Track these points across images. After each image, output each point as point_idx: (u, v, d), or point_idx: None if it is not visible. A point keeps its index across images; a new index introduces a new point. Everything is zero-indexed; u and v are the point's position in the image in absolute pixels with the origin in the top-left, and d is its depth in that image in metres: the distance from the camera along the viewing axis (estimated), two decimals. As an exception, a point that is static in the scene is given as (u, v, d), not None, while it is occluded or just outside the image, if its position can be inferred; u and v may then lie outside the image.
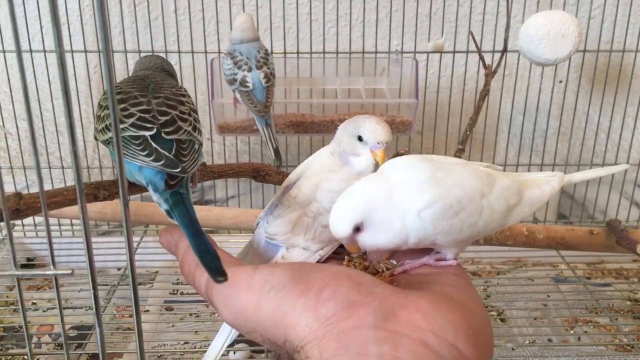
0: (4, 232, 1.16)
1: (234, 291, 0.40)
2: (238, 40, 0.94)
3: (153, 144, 0.44)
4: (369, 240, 0.44)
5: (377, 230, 0.43)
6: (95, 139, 0.52)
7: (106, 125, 0.47)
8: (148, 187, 0.45)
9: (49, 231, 0.41)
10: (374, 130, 0.49)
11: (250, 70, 0.92)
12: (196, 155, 0.46)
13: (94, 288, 0.39)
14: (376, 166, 0.50)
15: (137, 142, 0.44)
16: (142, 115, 0.45)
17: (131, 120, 0.45)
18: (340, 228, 0.43)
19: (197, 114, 0.51)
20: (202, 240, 0.40)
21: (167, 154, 0.44)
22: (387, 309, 0.37)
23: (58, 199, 0.46)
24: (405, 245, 0.44)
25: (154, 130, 0.45)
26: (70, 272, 0.41)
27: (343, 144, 0.51)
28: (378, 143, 0.49)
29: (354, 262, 0.48)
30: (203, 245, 0.40)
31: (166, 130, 0.45)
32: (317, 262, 0.49)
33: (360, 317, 0.37)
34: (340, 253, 0.50)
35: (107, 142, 0.48)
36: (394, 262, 0.48)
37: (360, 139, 0.50)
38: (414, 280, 0.45)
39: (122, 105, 0.45)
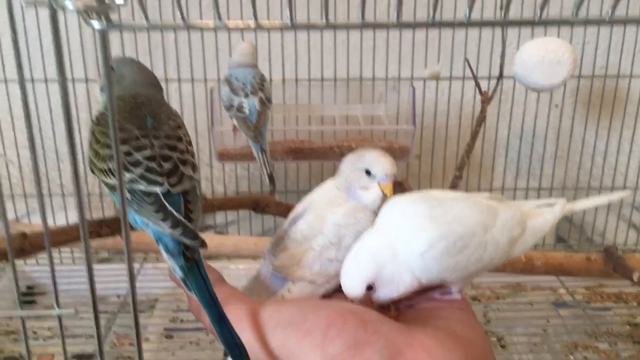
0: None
1: (241, 327, 0.41)
2: (236, 64, 0.96)
3: (164, 201, 0.44)
4: (383, 295, 0.44)
5: (389, 285, 0.44)
6: (92, 171, 0.52)
7: (109, 168, 0.47)
8: (158, 244, 0.44)
9: (52, 271, 0.41)
10: (381, 163, 0.50)
11: (246, 96, 0.93)
12: (199, 203, 0.46)
13: (98, 334, 0.39)
14: (384, 198, 0.50)
15: (149, 199, 0.44)
16: (149, 164, 0.45)
17: (139, 170, 0.45)
18: (353, 290, 0.44)
19: (191, 145, 0.51)
20: (227, 327, 0.40)
21: (179, 216, 0.43)
22: (393, 347, 0.38)
23: (61, 238, 0.47)
24: (418, 288, 0.45)
25: (165, 186, 0.44)
26: (73, 311, 0.42)
27: (350, 178, 0.51)
28: (386, 175, 0.50)
29: None
30: (229, 333, 0.40)
31: (172, 182, 0.45)
32: (323, 295, 0.50)
33: (367, 356, 0.37)
34: None
35: (109, 187, 0.48)
36: None
37: (367, 172, 0.50)
38: (420, 315, 0.45)
39: (125, 148, 0.45)
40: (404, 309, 0.47)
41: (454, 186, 0.96)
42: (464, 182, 1.22)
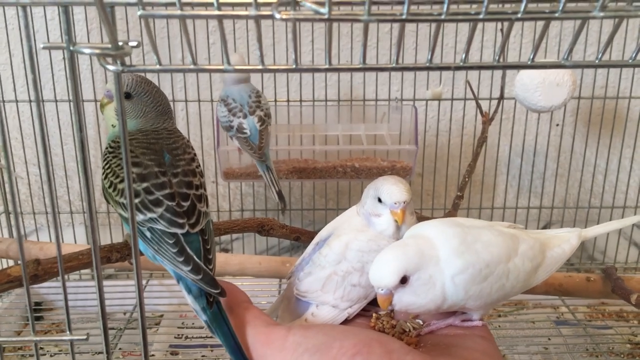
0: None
1: (269, 351, 0.42)
2: (230, 81, 0.97)
3: (184, 243, 0.44)
4: (406, 299, 0.44)
5: (419, 289, 0.44)
6: (107, 201, 0.53)
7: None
8: (178, 283, 0.45)
9: (66, 298, 0.43)
10: (390, 191, 0.51)
11: (245, 117, 0.94)
12: (214, 239, 0.47)
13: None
14: (397, 225, 0.52)
15: (169, 240, 0.44)
16: (169, 204, 0.46)
17: (159, 210, 0.45)
18: (388, 275, 0.44)
19: (203, 176, 0.52)
20: None
21: (199, 261, 0.44)
22: None
23: (73, 264, 0.48)
24: (437, 310, 0.45)
25: (186, 228, 0.45)
26: (85, 337, 0.43)
27: (366, 206, 0.53)
28: (395, 203, 0.51)
29: (381, 320, 0.49)
30: None
31: (191, 222, 0.46)
32: (346, 319, 0.51)
33: None
34: (368, 310, 0.52)
35: (127, 220, 0.49)
36: (420, 322, 0.49)
37: (379, 200, 0.52)
38: (441, 342, 0.46)
39: (145, 185, 0.46)
40: (425, 334, 0.48)
41: (455, 206, 0.97)
42: (466, 201, 1.23)
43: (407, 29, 1.15)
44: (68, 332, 0.43)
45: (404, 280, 0.44)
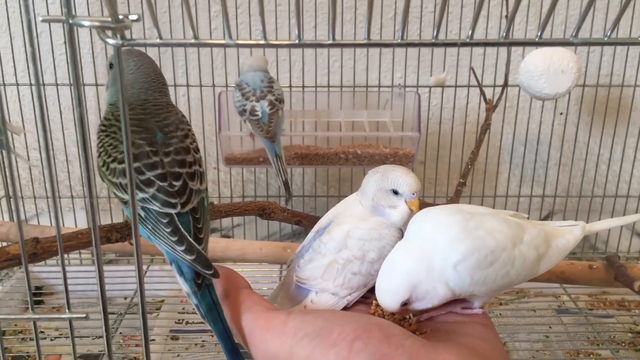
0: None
1: (268, 336, 0.41)
2: (247, 68, 0.99)
3: (178, 223, 0.44)
4: (419, 307, 0.46)
5: (424, 299, 0.45)
6: (102, 179, 0.52)
7: (121, 183, 0.47)
8: (171, 265, 0.45)
9: (65, 276, 0.42)
10: (407, 182, 0.51)
11: (258, 100, 0.95)
12: (207, 217, 0.47)
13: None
14: (411, 214, 0.51)
15: (163, 220, 0.44)
16: (161, 184, 0.45)
17: (151, 190, 0.45)
18: (390, 307, 0.45)
19: (198, 152, 0.51)
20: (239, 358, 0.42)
21: (193, 242, 0.43)
22: None
23: (73, 243, 0.48)
24: (452, 298, 0.46)
25: (178, 208, 0.44)
26: (84, 316, 0.43)
27: (376, 198, 0.52)
28: (413, 193, 0.51)
29: (381, 307, 0.49)
30: None
31: (182, 202, 0.45)
32: (345, 306, 0.51)
33: None
34: (368, 297, 0.52)
35: (122, 200, 0.48)
36: None
37: (394, 192, 0.51)
38: (440, 329, 0.46)
39: (136, 165, 0.45)
40: (424, 320, 0.48)
41: (457, 194, 0.97)
42: (468, 189, 1.23)
43: (410, 15, 1.14)
44: (67, 311, 0.43)
45: (406, 304, 0.45)
